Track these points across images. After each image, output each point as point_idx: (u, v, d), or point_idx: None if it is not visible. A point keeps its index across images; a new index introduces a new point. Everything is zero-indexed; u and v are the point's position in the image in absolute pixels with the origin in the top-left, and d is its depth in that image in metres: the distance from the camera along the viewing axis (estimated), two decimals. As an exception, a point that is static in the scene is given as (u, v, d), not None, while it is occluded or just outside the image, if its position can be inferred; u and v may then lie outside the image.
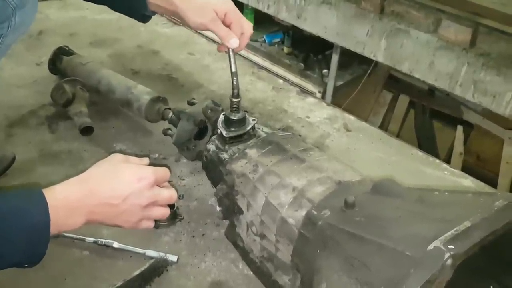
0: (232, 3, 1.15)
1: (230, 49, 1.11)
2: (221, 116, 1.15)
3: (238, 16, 1.14)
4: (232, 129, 1.12)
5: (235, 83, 1.11)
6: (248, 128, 1.13)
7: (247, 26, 1.15)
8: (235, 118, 1.12)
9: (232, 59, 1.11)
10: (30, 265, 0.79)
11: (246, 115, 1.15)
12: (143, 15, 1.21)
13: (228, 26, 1.12)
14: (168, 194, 0.94)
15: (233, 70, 1.11)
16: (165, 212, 0.95)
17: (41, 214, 0.76)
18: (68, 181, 0.84)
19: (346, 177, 0.96)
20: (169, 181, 0.98)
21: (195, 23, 1.13)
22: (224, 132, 1.12)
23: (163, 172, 0.94)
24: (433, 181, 1.40)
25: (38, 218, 0.76)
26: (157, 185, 0.92)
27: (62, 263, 1.07)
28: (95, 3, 1.27)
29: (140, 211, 0.89)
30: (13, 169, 1.28)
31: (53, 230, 0.77)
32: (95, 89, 1.51)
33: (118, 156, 0.92)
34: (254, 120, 1.15)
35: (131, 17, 1.24)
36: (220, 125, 1.14)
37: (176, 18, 1.20)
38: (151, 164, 0.96)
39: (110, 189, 0.85)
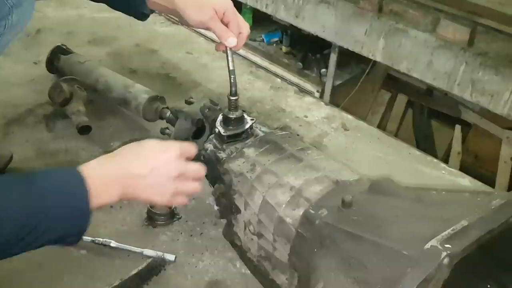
0: (230, 2, 1.15)
1: (228, 48, 1.11)
2: (220, 117, 1.15)
3: (236, 16, 1.14)
4: (230, 127, 1.12)
5: (232, 81, 1.11)
6: (247, 126, 1.13)
7: (245, 25, 1.15)
8: (233, 117, 1.12)
9: (229, 58, 1.12)
10: (73, 240, 0.81)
11: (244, 114, 1.14)
12: (142, 14, 1.21)
13: (226, 25, 1.12)
14: (196, 166, 0.94)
15: (231, 68, 1.11)
16: (197, 186, 0.95)
17: (79, 187, 0.79)
18: (100, 156, 0.87)
19: (344, 176, 0.96)
20: None
21: (194, 21, 1.13)
22: (222, 131, 1.12)
23: (188, 146, 0.95)
24: (431, 180, 1.40)
25: (77, 190, 0.79)
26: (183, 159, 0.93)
27: (59, 262, 1.07)
28: (94, 1, 1.27)
29: (170, 183, 0.90)
30: (10, 168, 1.28)
31: (93, 202, 0.80)
32: (93, 88, 1.50)
33: (147, 139, 0.95)
34: (253, 120, 1.15)
35: (130, 15, 1.24)
36: (219, 124, 1.14)
37: (174, 16, 1.20)
38: None
39: (137, 161, 0.88)
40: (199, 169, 0.95)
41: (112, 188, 0.85)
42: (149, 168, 0.87)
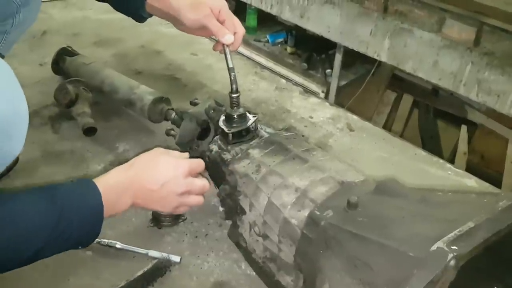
0: (224, 2, 1.17)
1: (225, 46, 1.13)
2: (222, 117, 1.15)
3: (231, 15, 1.16)
4: (234, 125, 1.12)
5: (232, 78, 1.12)
6: (249, 123, 1.13)
7: (239, 25, 1.17)
8: (235, 114, 1.12)
9: (228, 55, 1.13)
10: (84, 246, 0.89)
11: (246, 112, 1.15)
12: (140, 16, 1.24)
13: (221, 23, 1.14)
14: (201, 183, 1.03)
15: (230, 66, 1.12)
16: (200, 200, 1.04)
17: (96, 199, 0.87)
18: (115, 169, 0.95)
19: (349, 177, 0.96)
20: None
21: (189, 19, 1.15)
22: (226, 129, 1.12)
23: (197, 163, 1.04)
24: (437, 181, 1.39)
25: (94, 204, 0.87)
26: (191, 175, 1.01)
27: (65, 263, 1.07)
28: (98, 1, 1.30)
29: (176, 197, 0.99)
30: (16, 169, 1.29)
31: (106, 212, 0.88)
32: (98, 89, 1.51)
33: (159, 149, 1.03)
34: (255, 116, 1.15)
35: (129, 16, 1.27)
36: (222, 123, 1.14)
37: (169, 20, 1.22)
38: None
39: (149, 176, 0.96)
40: (204, 185, 1.04)
41: (124, 200, 0.93)
42: (160, 184, 0.96)
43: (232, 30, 1.15)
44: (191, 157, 1.12)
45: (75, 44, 1.73)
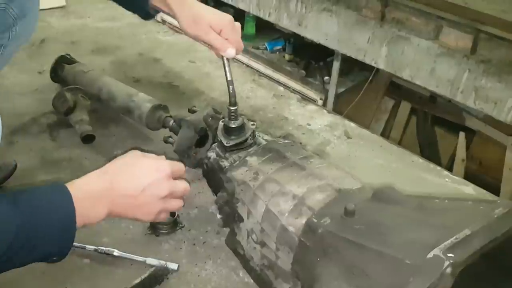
0: (229, 19, 1.16)
1: (225, 58, 1.13)
2: (220, 124, 1.15)
3: (234, 33, 1.15)
4: (232, 137, 1.13)
5: (231, 91, 1.12)
6: (248, 134, 1.13)
7: (240, 43, 1.16)
8: (234, 126, 1.13)
9: (227, 68, 1.13)
10: (58, 258, 0.82)
11: (244, 120, 1.15)
12: (146, 13, 1.24)
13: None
14: (184, 185, 0.97)
15: (229, 78, 1.12)
16: (180, 204, 0.98)
17: (67, 206, 0.79)
18: (89, 174, 0.87)
19: (346, 184, 0.96)
20: None
21: (189, 34, 1.16)
22: (224, 142, 1.13)
23: (178, 165, 0.97)
24: (434, 188, 1.40)
25: (64, 210, 0.79)
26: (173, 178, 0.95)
27: (62, 271, 1.07)
28: None
29: (159, 202, 0.91)
30: (14, 177, 1.29)
31: (79, 221, 0.80)
32: (96, 97, 1.51)
33: (136, 152, 0.95)
34: (254, 124, 1.15)
35: (135, 13, 1.27)
36: (220, 133, 1.14)
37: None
38: None
39: (128, 180, 0.88)
40: (186, 187, 0.98)
41: (99, 209, 0.85)
42: (140, 189, 0.88)
43: (234, 47, 1.14)
44: (187, 164, 1.11)
45: (73, 52, 1.73)
